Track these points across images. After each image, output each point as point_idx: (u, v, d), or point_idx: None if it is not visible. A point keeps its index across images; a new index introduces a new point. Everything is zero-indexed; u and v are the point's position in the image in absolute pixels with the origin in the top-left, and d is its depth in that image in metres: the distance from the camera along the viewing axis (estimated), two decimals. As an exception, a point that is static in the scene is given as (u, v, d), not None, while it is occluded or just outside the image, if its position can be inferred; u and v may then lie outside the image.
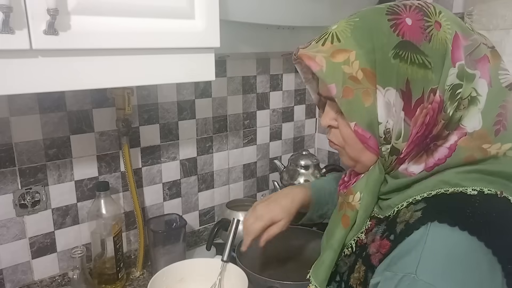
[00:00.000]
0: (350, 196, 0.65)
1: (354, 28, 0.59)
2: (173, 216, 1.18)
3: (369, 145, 0.60)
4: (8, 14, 0.57)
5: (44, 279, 1.02)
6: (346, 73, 0.57)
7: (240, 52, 1.15)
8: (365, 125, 0.59)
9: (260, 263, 1.11)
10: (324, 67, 0.58)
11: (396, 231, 0.56)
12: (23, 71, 0.62)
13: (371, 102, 0.57)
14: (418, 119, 0.57)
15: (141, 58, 0.74)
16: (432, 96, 0.56)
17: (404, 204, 0.58)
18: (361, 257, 0.62)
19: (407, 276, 0.51)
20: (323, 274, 0.67)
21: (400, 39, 0.56)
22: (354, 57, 0.57)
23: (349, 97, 0.58)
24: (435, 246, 0.52)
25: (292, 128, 1.52)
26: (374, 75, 0.57)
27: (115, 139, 1.08)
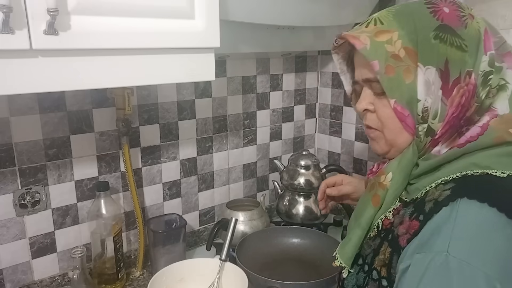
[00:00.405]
0: (381, 176, 0.66)
1: (396, 12, 0.64)
2: (173, 216, 1.18)
3: (407, 123, 0.62)
4: (8, 14, 0.57)
5: (44, 279, 1.02)
6: (388, 52, 0.61)
7: (240, 52, 1.15)
8: (405, 102, 0.61)
9: (260, 263, 1.11)
10: (368, 45, 0.62)
11: (425, 210, 0.57)
12: (23, 71, 0.62)
13: (411, 79, 0.60)
14: (454, 99, 0.60)
15: (141, 58, 0.74)
16: (467, 78, 0.60)
17: (432, 185, 0.60)
18: (386, 239, 0.63)
19: (439, 255, 0.52)
20: (350, 252, 0.69)
21: (440, 22, 0.61)
22: (397, 37, 0.61)
23: (390, 74, 0.61)
24: (466, 223, 0.53)
25: (292, 128, 1.52)
26: (416, 53, 0.60)
27: (115, 139, 1.08)
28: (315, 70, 1.53)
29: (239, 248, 1.09)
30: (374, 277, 0.64)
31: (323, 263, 1.12)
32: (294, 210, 1.33)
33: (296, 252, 1.19)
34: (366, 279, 0.65)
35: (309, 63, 1.50)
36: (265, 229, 1.23)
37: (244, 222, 1.21)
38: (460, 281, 0.50)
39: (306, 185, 1.31)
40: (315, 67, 1.53)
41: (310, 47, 1.36)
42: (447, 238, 0.52)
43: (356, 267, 0.69)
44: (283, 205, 1.35)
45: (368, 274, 0.65)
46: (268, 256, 1.16)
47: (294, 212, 1.33)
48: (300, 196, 1.34)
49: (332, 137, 1.54)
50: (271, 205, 1.49)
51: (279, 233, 1.22)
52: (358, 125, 1.43)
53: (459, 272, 0.50)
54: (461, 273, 0.50)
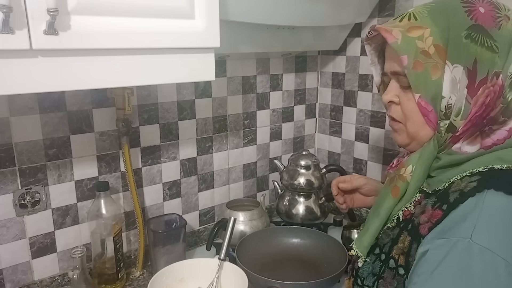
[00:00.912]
0: (402, 169, 0.68)
1: (431, 9, 0.64)
2: (173, 216, 1.18)
3: (429, 118, 0.64)
4: (8, 14, 0.57)
5: (44, 279, 1.02)
6: (419, 48, 0.62)
7: (240, 52, 1.15)
8: (429, 97, 0.63)
9: (260, 263, 1.11)
10: (399, 39, 0.63)
11: (449, 200, 0.59)
12: (23, 71, 0.62)
13: (438, 76, 0.62)
14: (479, 99, 0.61)
15: (141, 58, 0.74)
16: (495, 79, 0.61)
17: (457, 177, 0.61)
18: (406, 229, 0.64)
19: (461, 241, 0.53)
20: (366, 241, 0.71)
21: (473, 22, 0.61)
22: (429, 34, 0.62)
23: (418, 69, 0.62)
24: (492, 212, 0.54)
25: (292, 128, 1.52)
26: (445, 51, 0.62)
27: (115, 139, 1.08)
28: (315, 70, 1.53)
29: (239, 248, 1.09)
30: (391, 266, 0.65)
31: (323, 263, 1.12)
32: (294, 210, 1.33)
33: (296, 252, 1.19)
34: (383, 268, 0.67)
35: (309, 63, 1.50)
36: (265, 229, 1.23)
37: (244, 222, 1.21)
38: (480, 266, 0.51)
39: (306, 185, 1.31)
40: (315, 67, 1.53)
41: (310, 47, 1.36)
42: (471, 225, 0.53)
43: (372, 256, 0.71)
44: (283, 205, 1.35)
45: (384, 263, 0.67)
46: (268, 256, 1.16)
47: (294, 212, 1.33)
48: (300, 196, 1.34)
49: (332, 137, 1.54)
50: (271, 205, 1.49)
51: (279, 233, 1.22)
52: (358, 125, 1.43)
53: (480, 258, 0.51)
54: (482, 259, 0.51)
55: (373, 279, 0.68)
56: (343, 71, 1.45)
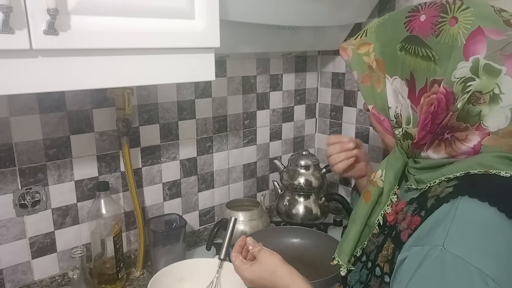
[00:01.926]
0: (372, 174, 0.72)
1: (379, 24, 0.68)
2: (173, 216, 1.18)
3: (385, 126, 0.69)
4: (8, 14, 0.57)
5: (44, 279, 1.02)
6: (365, 63, 0.68)
7: (240, 52, 1.15)
8: (380, 108, 0.68)
9: (260, 263, 1.11)
10: (350, 56, 0.70)
11: (427, 206, 0.58)
12: (23, 71, 0.62)
13: (381, 88, 0.66)
14: (422, 107, 0.62)
15: (141, 58, 0.74)
16: (436, 86, 0.59)
17: (436, 181, 0.61)
18: (390, 236, 0.64)
19: (434, 249, 0.53)
20: (346, 248, 0.72)
21: (408, 33, 0.62)
22: (372, 49, 0.67)
23: (366, 83, 0.68)
24: (464, 220, 0.53)
25: (292, 128, 1.52)
26: (383, 64, 0.66)
27: (115, 139, 1.08)
28: (315, 70, 1.53)
29: (239, 248, 1.09)
30: (377, 274, 0.65)
31: (323, 263, 1.12)
32: (294, 210, 1.33)
33: (296, 252, 1.18)
34: (369, 276, 0.66)
35: (309, 63, 1.50)
36: (265, 229, 1.23)
37: (244, 222, 1.21)
38: (453, 275, 0.50)
39: (306, 185, 1.31)
40: (315, 67, 1.53)
41: (310, 47, 1.36)
42: (444, 233, 0.53)
43: (359, 264, 0.70)
44: (283, 205, 1.35)
45: (371, 271, 0.66)
46: (268, 256, 1.16)
47: (294, 212, 1.33)
48: (300, 196, 1.34)
49: (332, 137, 1.54)
50: (271, 205, 1.49)
51: (279, 233, 1.22)
52: (358, 125, 1.43)
53: (452, 267, 0.50)
54: (455, 267, 0.50)
55: (360, 287, 0.69)
56: (343, 71, 1.45)
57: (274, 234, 1.21)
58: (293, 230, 1.23)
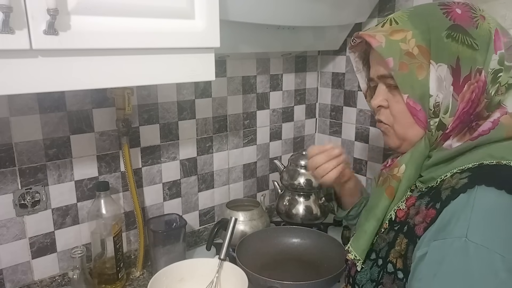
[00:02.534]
0: (395, 169, 0.70)
1: (411, 13, 0.67)
2: (173, 216, 1.18)
3: (419, 117, 0.66)
4: (8, 14, 0.57)
5: (44, 279, 1.02)
6: (402, 50, 0.64)
7: (240, 52, 1.15)
8: (417, 97, 0.65)
9: (260, 263, 1.11)
10: (383, 43, 0.65)
11: (442, 198, 0.59)
12: (23, 71, 0.62)
13: (424, 75, 0.64)
14: (465, 95, 0.63)
15: (141, 58, 0.74)
16: (478, 75, 0.63)
17: (448, 174, 0.62)
18: (402, 232, 0.65)
19: (457, 240, 0.53)
20: (365, 244, 0.70)
21: (452, 22, 0.64)
22: (411, 36, 0.65)
23: (404, 70, 0.64)
24: (484, 208, 0.54)
25: (292, 128, 1.52)
26: (428, 51, 0.64)
27: (115, 139, 1.08)
28: (315, 70, 1.53)
29: (239, 248, 1.09)
30: (389, 270, 0.65)
31: (323, 263, 1.12)
32: (294, 210, 1.33)
33: (296, 252, 1.19)
34: (381, 273, 0.66)
35: (309, 63, 1.50)
36: (265, 229, 1.23)
37: (244, 222, 1.21)
38: (478, 264, 0.51)
39: (306, 185, 1.31)
40: (315, 67, 1.53)
41: (310, 47, 1.36)
42: (465, 224, 0.54)
43: (368, 262, 0.70)
44: (283, 205, 1.35)
45: (382, 268, 0.66)
46: (268, 256, 1.16)
47: (294, 212, 1.33)
48: (300, 196, 1.34)
49: (332, 137, 1.54)
50: (271, 205, 1.49)
51: (279, 233, 1.22)
52: (358, 125, 1.43)
53: (477, 256, 0.51)
54: (479, 257, 0.51)
55: (372, 285, 0.68)
56: (343, 71, 1.45)
57: (274, 234, 1.21)
58: (293, 230, 1.23)
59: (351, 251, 0.73)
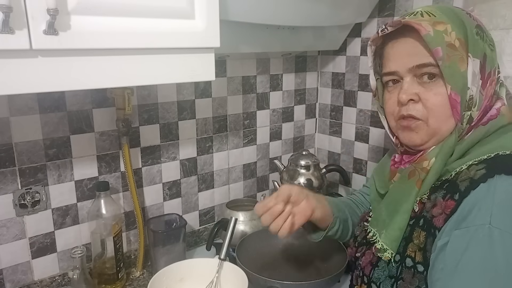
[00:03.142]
0: (424, 162, 0.68)
1: (441, 9, 0.68)
2: (173, 216, 1.18)
3: (457, 110, 0.66)
4: (8, 14, 0.57)
5: (44, 279, 1.02)
6: (446, 41, 0.65)
7: (240, 52, 1.15)
8: (459, 89, 0.65)
9: (260, 263, 1.11)
10: (431, 31, 0.65)
11: (460, 189, 0.60)
12: (23, 71, 0.62)
13: (465, 68, 0.65)
14: (488, 91, 0.67)
15: (141, 58, 0.74)
16: (495, 73, 0.68)
17: (463, 167, 0.63)
18: (418, 225, 0.66)
19: (481, 228, 0.54)
20: (396, 235, 0.68)
21: (476, 23, 0.68)
22: (451, 29, 0.65)
23: (448, 62, 0.65)
24: (506, 197, 0.55)
25: (292, 128, 1.52)
26: (466, 44, 0.65)
27: (115, 139, 1.08)
28: (315, 70, 1.53)
29: (239, 248, 1.09)
30: (408, 265, 0.65)
31: (323, 263, 1.12)
32: (294, 210, 1.32)
33: (296, 252, 1.18)
34: (400, 269, 0.66)
35: (309, 63, 1.50)
36: (265, 229, 1.23)
37: (244, 222, 1.21)
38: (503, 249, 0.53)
39: (306, 185, 1.31)
40: (315, 67, 1.53)
41: (310, 47, 1.36)
42: (488, 212, 0.55)
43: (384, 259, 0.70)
44: (283, 205, 1.35)
45: (401, 263, 0.66)
46: (268, 256, 1.16)
47: (294, 212, 1.32)
48: (300, 196, 1.33)
49: (332, 137, 1.54)
50: (271, 205, 1.48)
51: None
52: (358, 125, 1.43)
53: (502, 242, 0.53)
54: (504, 242, 0.53)
55: (390, 281, 0.67)
56: (343, 71, 1.45)
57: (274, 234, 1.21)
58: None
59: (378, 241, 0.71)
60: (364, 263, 0.73)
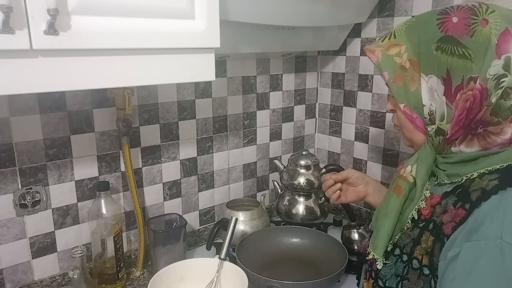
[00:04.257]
0: (402, 170, 0.73)
1: (409, 26, 0.71)
2: (173, 216, 1.18)
3: (417, 124, 0.70)
4: (8, 14, 0.57)
5: (44, 279, 1.02)
6: (397, 63, 0.69)
7: (240, 52, 1.15)
8: (412, 106, 0.70)
9: (260, 263, 1.12)
10: (380, 58, 0.71)
11: (471, 199, 0.61)
12: (23, 71, 0.62)
13: (416, 87, 0.68)
14: (458, 103, 0.64)
15: (141, 58, 0.74)
16: (472, 83, 0.63)
17: (474, 174, 0.64)
18: (427, 229, 0.67)
19: (492, 241, 0.55)
20: (381, 242, 0.73)
21: (444, 34, 0.65)
22: (404, 50, 0.69)
23: (398, 83, 0.70)
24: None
25: (292, 128, 1.52)
26: (418, 64, 0.68)
27: (116, 139, 1.08)
28: (315, 70, 1.53)
29: (239, 248, 1.09)
30: (415, 266, 0.67)
31: (323, 263, 1.12)
32: (294, 210, 1.33)
33: (296, 252, 1.19)
34: (406, 269, 0.68)
35: (309, 63, 1.50)
36: (265, 229, 1.23)
37: (244, 222, 1.21)
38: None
39: (306, 185, 1.31)
40: (315, 67, 1.53)
41: (310, 47, 1.36)
42: (499, 225, 0.55)
43: (393, 257, 0.72)
44: (283, 205, 1.35)
45: (407, 264, 0.68)
46: (268, 256, 1.16)
47: (294, 212, 1.33)
48: (300, 196, 1.34)
49: (332, 137, 1.54)
50: (271, 205, 1.49)
51: (279, 233, 1.22)
52: (358, 125, 1.43)
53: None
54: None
55: (396, 280, 0.70)
56: (343, 71, 1.45)
57: (274, 234, 1.21)
58: (293, 230, 1.23)
59: (369, 252, 0.75)
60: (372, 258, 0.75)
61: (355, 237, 1.17)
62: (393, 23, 1.27)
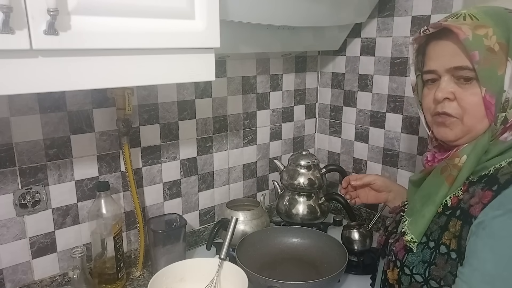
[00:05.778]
0: (456, 159, 0.72)
1: (486, 12, 0.70)
2: (173, 216, 1.18)
3: (491, 111, 0.69)
4: (8, 14, 0.57)
5: (44, 279, 1.02)
6: (485, 45, 0.67)
7: (240, 52, 1.15)
8: (495, 91, 0.68)
9: (260, 263, 1.12)
10: (470, 36, 0.67)
11: (500, 182, 0.65)
12: (23, 71, 0.62)
13: (503, 71, 0.67)
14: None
15: (141, 58, 0.74)
16: None
17: (503, 163, 0.67)
18: (454, 216, 0.70)
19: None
20: (422, 227, 0.74)
21: None
22: (492, 33, 0.67)
23: (485, 65, 0.67)
24: None
25: (292, 128, 1.52)
26: (507, 48, 0.67)
27: (116, 139, 1.08)
28: (315, 70, 1.53)
29: (239, 248, 1.09)
30: (442, 252, 0.69)
31: (323, 263, 1.12)
32: (294, 210, 1.33)
33: (296, 252, 1.19)
34: (433, 254, 0.70)
35: (309, 63, 1.50)
36: (265, 229, 1.23)
37: (244, 222, 1.21)
38: None
39: (306, 185, 1.31)
40: (315, 67, 1.53)
41: (310, 47, 1.36)
42: None
43: (419, 245, 0.73)
44: (283, 205, 1.35)
45: (435, 250, 0.70)
46: (268, 256, 1.16)
47: (294, 212, 1.33)
48: (300, 196, 1.34)
49: (332, 137, 1.54)
50: (271, 205, 1.49)
51: (279, 233, 1.22)
52: (358, 125, 1.43)
53: None
54: None
55: (424, 266, 0.71)
56: (343, 71, 1.45)
57: (274, 234, 1.21)
58: (293, 230, 1.23)
59: (408, 233, 0.75)
60: (397, 248, 0.77)
61: (355, 237, 1.17)
62: (393, 23, 1.27)
